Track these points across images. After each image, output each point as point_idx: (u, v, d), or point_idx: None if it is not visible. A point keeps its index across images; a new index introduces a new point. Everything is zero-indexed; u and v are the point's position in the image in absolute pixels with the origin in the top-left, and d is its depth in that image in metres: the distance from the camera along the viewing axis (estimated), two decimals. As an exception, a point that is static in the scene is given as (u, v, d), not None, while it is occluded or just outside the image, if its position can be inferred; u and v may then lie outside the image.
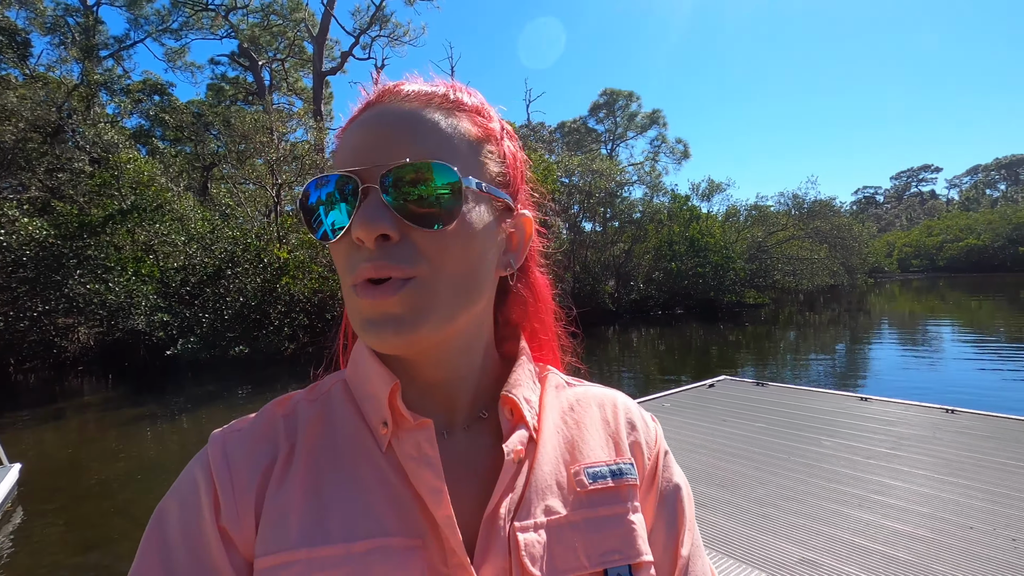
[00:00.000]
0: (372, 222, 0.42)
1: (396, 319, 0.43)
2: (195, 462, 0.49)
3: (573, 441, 0.54)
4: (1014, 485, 3.45)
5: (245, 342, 12.59)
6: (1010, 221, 46.60)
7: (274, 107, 20.86)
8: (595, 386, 0.61)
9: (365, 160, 0.44)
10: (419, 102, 0.47)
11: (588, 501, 0.50)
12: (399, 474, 0.47)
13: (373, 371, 0.50)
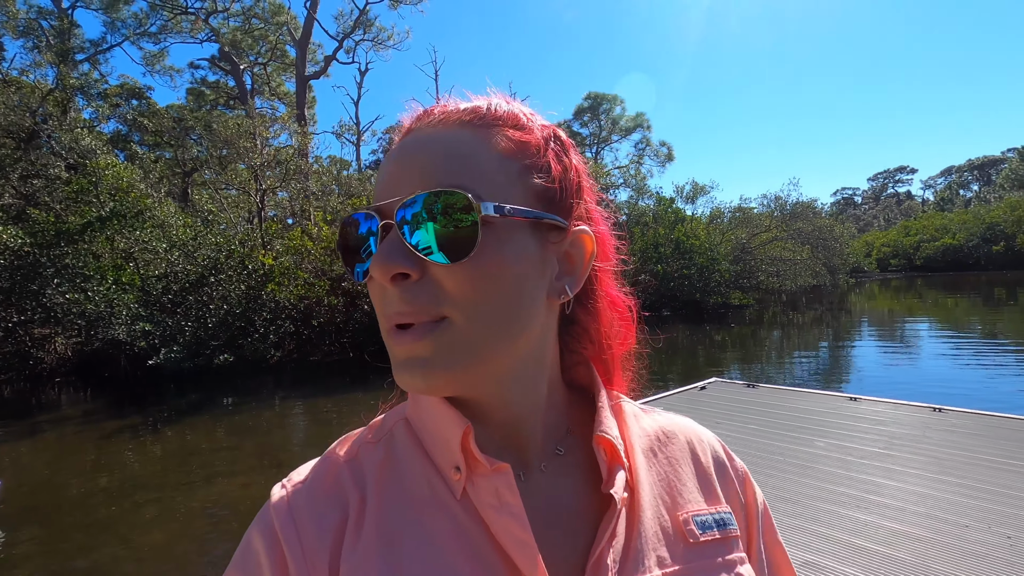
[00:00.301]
0: (387, 261, 0.40)
1: (423, 362, 0.41)
2: (258, 526, 0.45)
3: (669, 482, 0.50)
4: (1006, 483, 3.50)
5: (230, 350, 12.38)
6: (983, 221, 47.81)
7: (257, 111, 20.62)
8: (671, 416, 0.57)
9: (386, 195, 0.43)
10: (445, 124, 0.44)
11: (700, 553, 0.47)
12: (477, 523, 0.43)
13: (440, 413, 0.46)
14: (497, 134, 0.45)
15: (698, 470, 0.52)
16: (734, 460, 0.56)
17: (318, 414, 9.66)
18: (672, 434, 0.54)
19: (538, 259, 0.45)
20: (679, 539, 0.47)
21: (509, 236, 0.42)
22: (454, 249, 0.40)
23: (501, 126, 0.45)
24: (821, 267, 28.56)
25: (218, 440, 8.30)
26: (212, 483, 6.21)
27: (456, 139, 0.43)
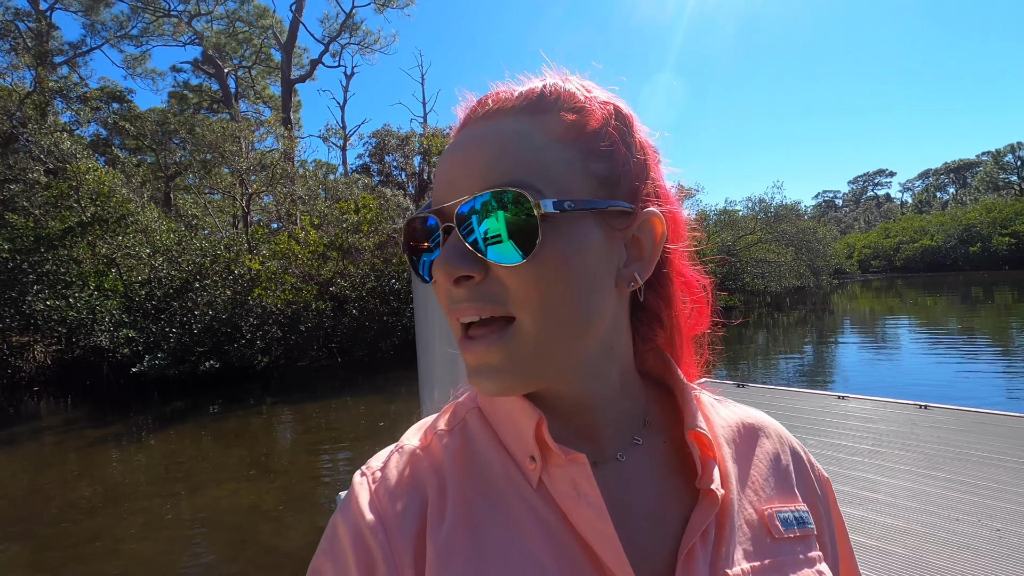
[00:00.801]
0: (449, 265, 0.40)
1: (496, 370, 0.42)
2: (342, 514, 0.46)
3: (750, 476, 0.50)
4: (993, 477, 3.57)
5: (215, 357, 12.20)
6: (960, 222, 48.93)
7: (242, 115, 20.40)
8: (747, 408, 0.56)
9: (445, 195, 0.43)
10: (500, 114, 0.43)
11: (784, 548, 0.46)
12: (555, 513, 0.43)
13: (513, 404, 0.46)
14: (554, 119, 0.43)
15: (777, 465, 0.52)
16: (810, 457, 0.55)
17: (306, 420, 9.55)
18: (751, 427, 0.53)
19: (604, 249, 0.43)
20: (764, 533, 0.46)
21: (572, 229, 0.41)
22: (514, 249, 0.39)
23: (557, 110, 0.43)
24: (805, 268, 29.02)
25: (204, 448, 8.17)
26: (200, 491, 6.11)
27: (511, 131, 0.42)
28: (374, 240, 14.98)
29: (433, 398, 1.93)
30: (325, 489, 6.06)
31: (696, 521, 0.43)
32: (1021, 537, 2.82)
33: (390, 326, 14.22)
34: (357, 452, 7.35)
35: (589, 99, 0.45)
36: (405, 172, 27.44)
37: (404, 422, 5.86)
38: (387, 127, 28.72)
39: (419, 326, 2.01)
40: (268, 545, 4.72)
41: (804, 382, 10.49)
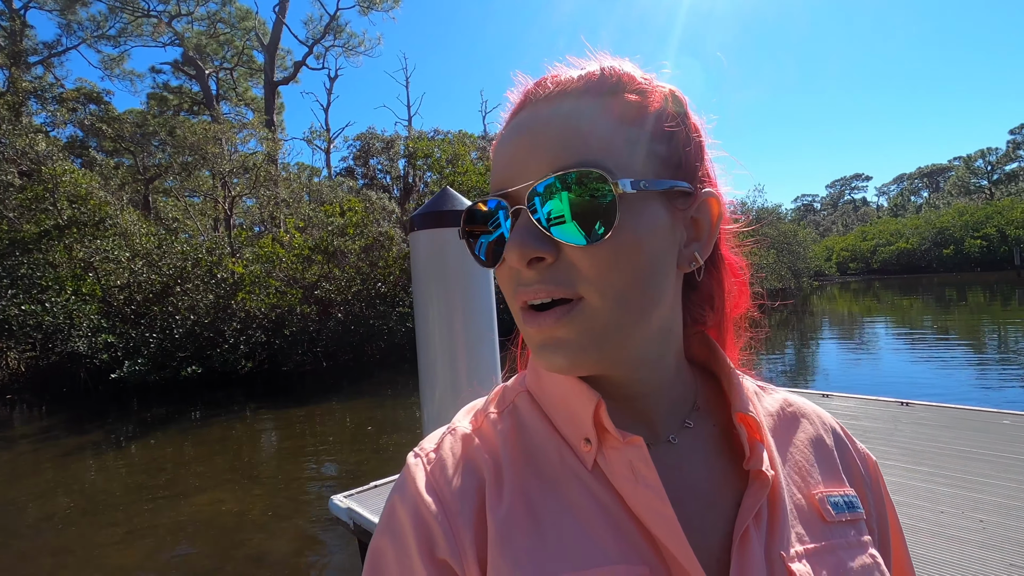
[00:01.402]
0: (523, 247, 0.40)
1: (565, 344, 0.42)
2: (400, 494, 0.46)
3: (797, 461, 0.50)
4: (975, 470, 3.67)
5: (198, 362, 12.00)
6: (933, 225, 50.18)
7: (223, 117, 20.13)
8: (790, 394, 0.56)
9: (511, 179, 0.42)
10: (562, 95, 0.43)
11: (836, 532, 0.46)
12: (612, 495, 0.43)
13: (570, 386, 0.46)
14: (618, 100, 0.43)
15: (823, 451, 0.52)
16: (856, 443, 0.55)
17: (291, 426, 9.43)
18: (795, 413, 0.54)
19: (669, 229, 0.44)
20: (816, 517, 0.46)
21: (643, 209, 0.41)
22: (590, 229, 0.39)
23: (621, 91, 0.43)
24: (786, 271, 29.50)
25: (187, 455, 8.02)
26: (183, 500, 5.99)
27: (578, 111, 0.42)
28: (360, 243, 14.88)
29: (434, 398, 1.92)
30: (312, 495, 5.99)
31: (749, 503, 0.43)
32: (1004, 527, 2.90)
33: (376, 329, 14.12)
34: (344, 458, 7.27)
35: (648, 80, 0.45)
36: (390, 175, 27.32)
37: (392, 427, 5.84)
38: (371, 130, 28.61)
39: (419, 326, 2.00)
40: (255, 553, 4.65)
41: (788, 382, 10.66)
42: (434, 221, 1.98)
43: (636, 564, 0.40)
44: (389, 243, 15.58)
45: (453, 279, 1.98)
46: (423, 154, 20.06)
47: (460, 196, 2.06)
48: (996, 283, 32.62)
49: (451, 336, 1.97)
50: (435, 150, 20.05)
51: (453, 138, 22.62)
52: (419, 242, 2.03)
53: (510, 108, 0.47)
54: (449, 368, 1.95)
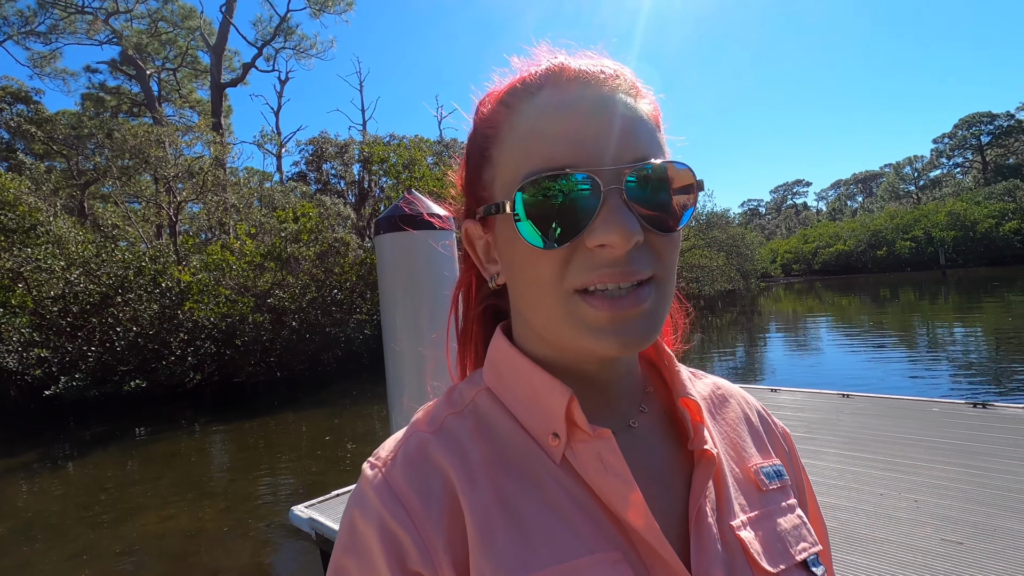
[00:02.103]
0: (631, 229, 0.39)
1: (640, 325, 0.42)
2: (360, 508, 0.44)
3: (732, 439, 0.54)
4: (909, 455, 3.94)
5: (141, 375, 11.41)
6: (868, 228, 53.22)
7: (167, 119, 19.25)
8: (716, 378, 0.61)
9: (600, 154, 0.40)
10: (618, 88, 0.44)
11: (770, 499, 0.51)
12: (580, 486, 0.44)
13: (539, 381, 0.46)
14: (649, 105, 0.46)
15: (751, 427, 0.56)
16: (774, 419, 0.60)
17: (244, 438, 9.11)
18: (724, 395, 0.58)
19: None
20: (753, 487, 0.51)
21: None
22: (673, 220, 0.43)
23: (647, 97, 0.46)
24: (735, 272, 30.67)
25: (131, 473, 7.62)
26: (130, 520, 5.70)
27: (640, 109, 0.44)
28: (314, 249, 14.53)
29: (402, 405, 1.92)
30: (268, 509, 5.81)
31: (699, 482, 0.46)
32: (935, 506, 3.13)
33: (332, 338, 13.81)
34: (300, 469, 7.09)
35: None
36: (345, 180, 26.80)
37: (351, 436, 5.75)
38: (324, 134, 27.98)
39: (386, 330, 2.00)
40: (211, 570, 4.48)
41: (739, 378, 11.09)
42: (399, 224, 1.99)
43: (610, 551, 0.41)
44: (345, 249, 15.28)
45: (420, 281, 2.00)
46: (379, 159, 19.80)
47: (424, 199, 2.08)
48: (924, 282, 34.89)
49: (418, 339, 1.98)
50: (391, 155, 19.84)
51: (409, 143, 22.43)
52: (384, 246, 2.03)
53: (551, 73, 0.45)
54: (417, 371, 1.95)
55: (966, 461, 3.72)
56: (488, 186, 0.47)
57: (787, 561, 0.47)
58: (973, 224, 44.56)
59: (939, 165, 66.49)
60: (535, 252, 0.42)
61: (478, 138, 0.48)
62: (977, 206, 45.71)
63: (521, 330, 0.51)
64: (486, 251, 0.51)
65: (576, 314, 0.42)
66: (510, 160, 0.44)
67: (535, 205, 0.41)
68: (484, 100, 0.50)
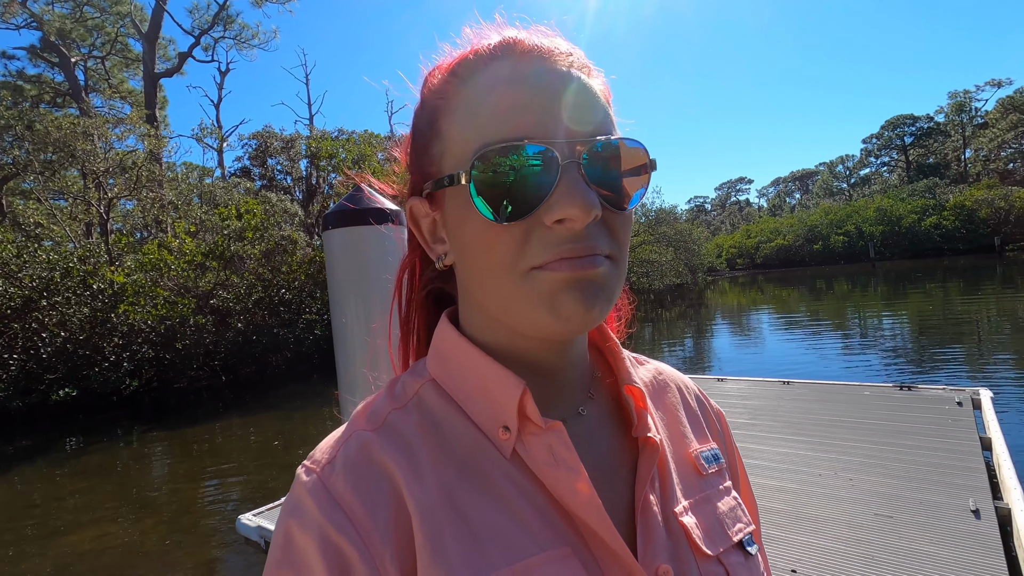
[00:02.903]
0: (591, 203, 0.38)
1: (600, 290, 0.41)
2: (296, 518, 0.41)
3: (673, 424, 0.54)
4: (843, 436, 4.18)
5: (72, 383, 10.69)
6: (805, 224, 56.06)
7: (95, 111, 18.02)
8: (658, 363, 0.61)
9: (550, 130, 0.39)
10: (575, 64, 0.43)
11: (708, 483, 0.52)
12: (530, 480, 0.43)
13: (490, 372, 0.45)
14: (602, 84, 0.45)
15: (690, 412, 0.57)
16: (710, 402, 0.61)
17: (188, 447, 8.69)
18: (665, 381, 0.58)
19: None
20: (693, 472, 0.51)
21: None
22: (627, 198, 0.42)
23: (599, 75, 0.46)
24: (683, 267, 31.66)
25: (62, 488, 7.13)
26: (60, 537, 5.34)
27: (595, 86, 0.43)
28: (260, 248, 14.00)
29: (355, 404, 1.88)
30: (215, 518, 5.57)
31: (644, 469, 0.46)
32: (867, 482, 3.34)
33: (281, 339, 13.36)
34: (249, 475, 6.83)
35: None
36: (291, 176, 25.92)
37: (301, 441, 5.59)
38: (269, 128, 26.96)
39: (336, 328, 1.95)
40: (152, 585, 4.26)
41: (687, 368, 11.47)
42: (349, 219, 1.94)
43: (560, 546, 0.41)
44: (292, 247, 14.80)
45: (371, 277, 1.96)
46: (327, 154, 19.26)
47: (375, 193, 2.04)
48: (856, 274, 37.10)
49: (370, 335, 1.94)
50: (340, 150, 19.34)
51: (359, 138, 21.94)
52: (333, 241, 1.98)
53: (505, 45, 0.43)
54: (369, 368, 1.91)
55: (894, 440, 3.98)
56: (436, 160, 0.44)
57: (725, 543, 0.48)
58: (898, 220, 47.67)
59: (868, 164, 70.72)
60: (490, 229, 0.40)
61: (426, 110, 0.46)
62: (901, 203, 48.92)
63: (470, 315, 0.49)
64: (432, 230, 0.48)
65: (535, 288, 0.40)
66: (461, 133, 0.42)
67: (489, 179, 0.39)
68: (433, 72, 0.47)
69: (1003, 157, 53.26)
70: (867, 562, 2.51)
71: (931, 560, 2.47)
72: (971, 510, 2.86)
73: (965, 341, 11.27)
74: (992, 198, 42.95)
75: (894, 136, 64.65)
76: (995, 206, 42.51)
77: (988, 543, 2.56)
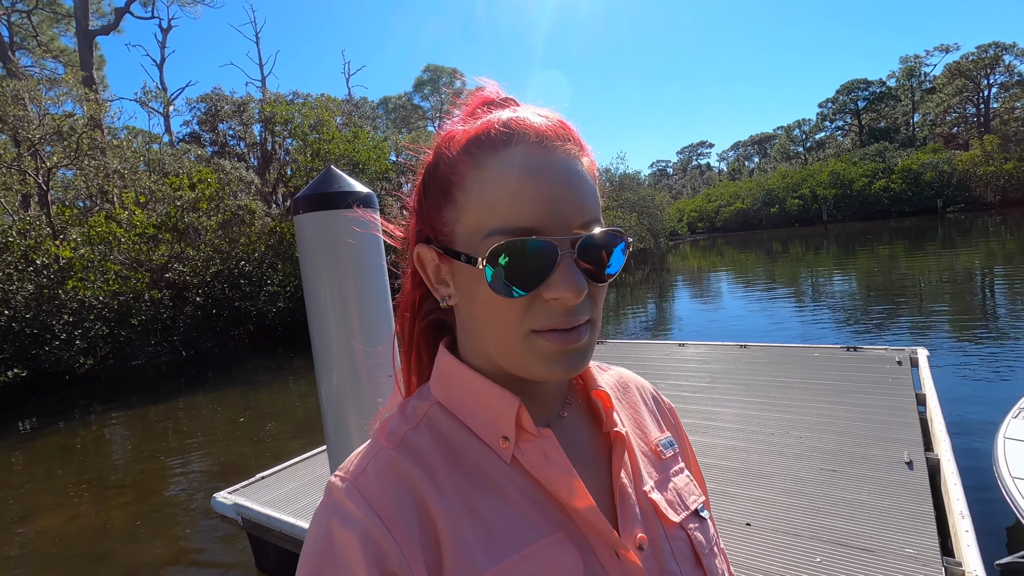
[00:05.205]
0: (580, 287, 0.47)
1: (582, 355, 0.50)
2: (338, 517, 0.47)
3: (635, 419, 0.66)
4: (794, 397, 4.46)
5: (21, 363, 10.26)
6: (763, 187, 57.40)
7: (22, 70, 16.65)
8: (621, 369, 0.72)
9: (553, 221, 0.47)
10: (569, 145, 0.50)
11: (667, 466, 0.63)
12: (528, 480, 0.52)
13: (490, 392, 0.53)
14: (590, 162, 0.53)
15: (648, 408, 0.68)
16: (662, 398, 0.73)
17: (149, 425, 8.52)
18: (626, 383, 0.69)
19: None
20: (655, 457, 0.63)
21: None
22: (607, 274, 0.51)
23: (587, 153, 0.53)
24: (646, 232, 32.14)
25: (19, 472, 6.95)
26: (24, 522, 5.25)
27: (585, 169, 0.51)
28: (216, 219, 13.49)
29: (332, 381, 1.92)
30: (183, 496, 5.56)
31: (617, 459, 0.56)
32: (815, 440, 3.60)
33: (243, 312, 13.08)
34: (218, 452, 6.79)
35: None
36: (245, 142, 24.80)
37: (269, 415, 5.58)
38: (218, 90, 25.53)
39: (311, 313, 1.97)
40: (124, 566, 4.25)
41: (650, 334, 11.84)
42: (320, 203, 1.93)
43: (555, 532, 0.50)
44: (251, 217, 14.33)
45: (344, 260, 1.97)
46: (282, 119, 18.47)
47: (345, 176, 2.03)
48: (810, 236, 38.49)
49: (345, 317, 1.97)
50: (295, 115, 18.57)
51: (315, 102, 21.08)
52: (305, 226, 1.97)
53: (517, 133, 0.49)
54: (346, 350, 1.95)
55: (840, 399, 4.28)
56: (449, 224, 0.52)
57: (685, 511, 0.60)
58: (850, 183, 49.35)
59: (823, 128, 72.28)
60: (499, 298, 0.48)
61: (440, 177, 0.52)
62: (853, 166, 50.55)
63: (469, 347, 0.57)
64: (436, 273, 0.55)
65: (533, 349, 0.49)
66: (476, 211, 0.49)
67: (502, 261, 0.47)
68: (447, 138, 0.53)
69: (948, 122, 55.43)
70: (812, 513, 2.74)
71: (868, 508, 2.72)
72: (905, 462, 3.13)
73: (907, 299, 11.97)
74: (936, 162, 44.88)
75: (848, 100, 66.16)
76: (939, 169, 44.46)
77: (918, 491, 2.83)
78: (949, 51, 56.54)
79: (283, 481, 3.87)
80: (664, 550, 0.55)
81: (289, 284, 13.58)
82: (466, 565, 0.46)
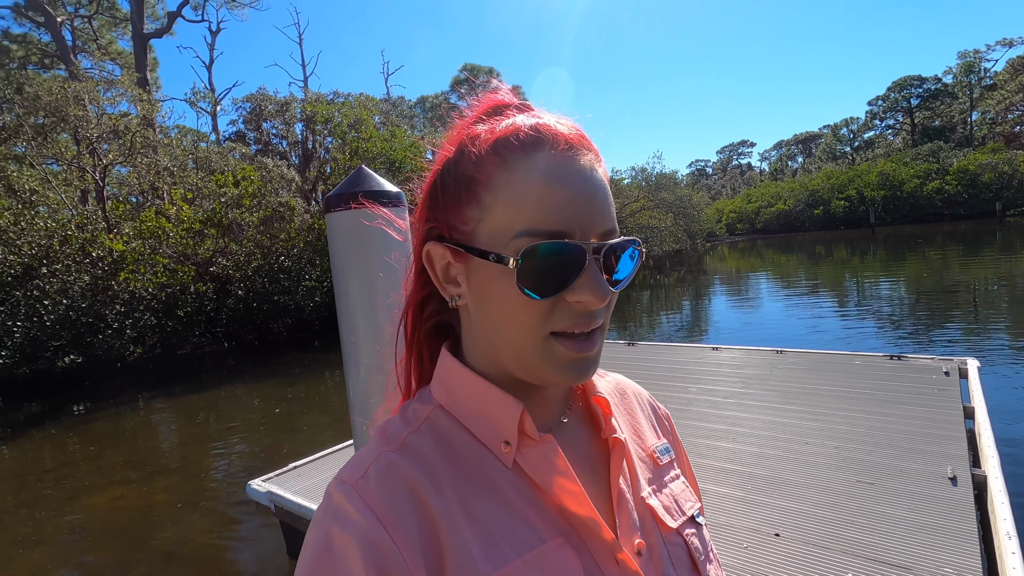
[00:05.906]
0: (605, 292, 0.48)
1: (591, 363, 0.51)
2: (337, 522, 0.46)
3: (633, 426, 0.66)
4: (832, 406, 4.31)
5: (76, 350, 10.84)
6: (806, 188, 55.57)
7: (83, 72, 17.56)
8: (619, 376, 0.72)
9: (581, 226, 0.48)
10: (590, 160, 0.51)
11: (664, 472, 0.64)
12: (529, 484, 0.51)
13: (493, 397, 0.53)
14: (604, 168, 0.54)
15: (645, 415, 0.69)
16: (659, 405, 0.73)
17: (192, 413, 8.88)
18: (624, 390, 0.70)
19: None
20: (652, 463, 0.63)
21: None
22: (624, 280, 0.53)
23: (602, 161, 0.54)
24: (682, 233, 31.57)
25: (73, 453, 7.35)
26: (76, 500, 5.55)
27: (604, 178, 0.52)
28: (258, 215, 13.94)
29: (359, 375, 1.96)
30: (223, 482, 5.77)
31: (616, 464, 0.56)
32: (851, 451, 3.47)
33: (282, 306, 13.47)
34: (256, 441, 7.02)
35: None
36: (287, 140, 25.53)
37: (305, 407, 5.71)
38: (263, 91, 26.33)
39: (341, 308, 2.02)
40: (167, 547, 4.45)
41: (684, 336, 11.62)
42: (350, 202, 1.98)
43: (555, 537, 0.49)
44: (291, 214, 14.74)
45: (372, 258, 2.01)
46: (323, 118, 18.92)
47: (375, 175, 2.07)
48: (856, 239, 37.03)
49: (373, 317, 2.01)
50: (335, 114, 18.99)
51: (355, 101, 21.50)
52: (335, 223, 2.02)
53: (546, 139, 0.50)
54: (373, 346, 1.99)
55: (881, 409, 4.11)
56: (470, 223, 0.51)
57: (682, 517, 0.60)
58: (900, 184, 47.25)
59: (873, 127, 69.45)
60: (524, 298, 0.48)
61: (463, 174, 0.51)
62: (904, 167, 48.38)
63: (475, 350, 0.56)
64: (446, 272, 0.54)
65: (550, 353, 0.50)
66: (503, 211, 0.48)
67: (531, 266, 0.47)
68: (471, 137, 0.52)
69: (1010, 120, 52.39)
70: (845, 526, 2.65)
71: (906, 524, 2.61)
72: (948, 477, 2.99)
73: (960, 308, 11.38)
74: (996, 162, 42.50)
75: (900, 98, 63.32)
76: (999, 170, 42.09)
77: (962, 508, 2.69)
78: (1013, 45, 53.45)
79: (315, 471, 3.97)
80: (662, 556, 0.55)
81: (326, 280, 13.92)
82: (467, 569, 0.45)
